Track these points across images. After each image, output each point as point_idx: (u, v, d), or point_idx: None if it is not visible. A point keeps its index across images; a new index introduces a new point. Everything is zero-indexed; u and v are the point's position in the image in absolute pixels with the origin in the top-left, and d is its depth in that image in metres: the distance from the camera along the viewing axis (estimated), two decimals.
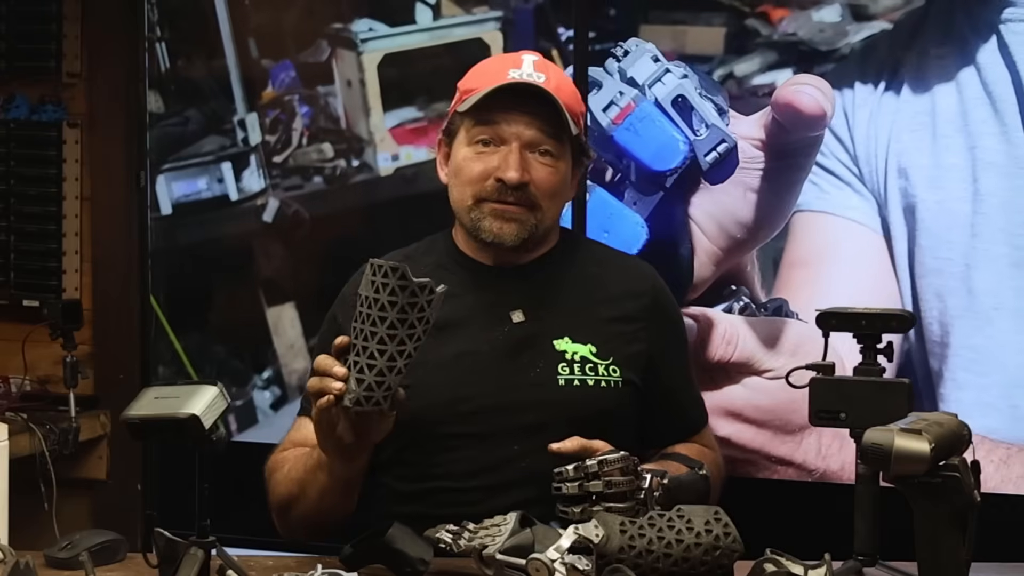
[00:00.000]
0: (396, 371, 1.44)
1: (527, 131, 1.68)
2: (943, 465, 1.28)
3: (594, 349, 1.70)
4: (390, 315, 1.41)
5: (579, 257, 1.81)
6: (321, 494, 1.64)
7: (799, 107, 2.33)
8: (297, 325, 2.99)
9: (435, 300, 1.43)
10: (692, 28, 2.57)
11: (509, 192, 1.67)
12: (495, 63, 1.77)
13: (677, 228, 2.46)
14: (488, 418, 1.66)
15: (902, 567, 1.48)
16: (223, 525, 1.45)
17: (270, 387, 3.01)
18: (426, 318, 1.43)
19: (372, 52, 2.87)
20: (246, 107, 3.00)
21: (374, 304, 1.42)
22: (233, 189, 3.02)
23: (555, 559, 1.34)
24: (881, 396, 1.48)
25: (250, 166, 3.00)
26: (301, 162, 2.96)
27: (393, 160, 2.90)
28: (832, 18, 2.45)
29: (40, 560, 1.52)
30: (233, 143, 3.01)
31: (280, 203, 2.98)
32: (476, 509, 1.55)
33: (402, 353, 1.43)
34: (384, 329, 1.42)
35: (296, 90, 2.96)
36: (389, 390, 1.45)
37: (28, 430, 2.74)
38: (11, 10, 3.13)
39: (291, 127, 2.96)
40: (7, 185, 3.16)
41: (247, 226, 3.01)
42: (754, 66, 2.51)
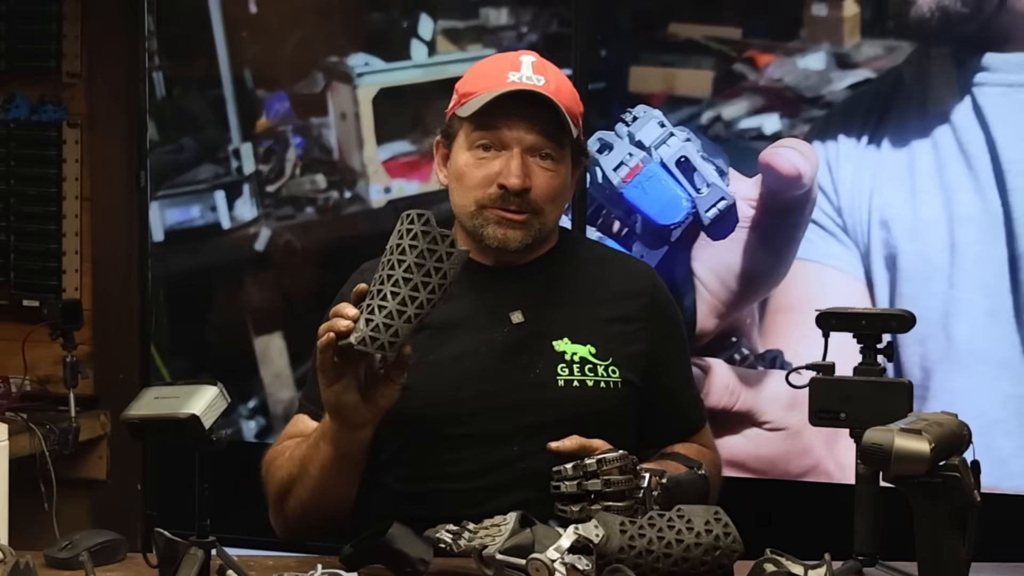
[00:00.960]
0: (405, 317, 1.45)
1: (528, 136, 1.68)
2: (943, 465, 1.28)
3: (593, 350, 1.69)
4: (408, 258, 1.44)
5: (578, 257, 1.81)
6: (322, 470, 1.62)
7: (777, 169, 2.47)
8: (284, 355, 3.01)
9: (455, 256, 1.46)
10: (681, 71, 2.64)
11: (511, 199, 1.67)
12: (493, 65, 1.76)
13: (681, 281, 2.57)
14: (487, 419, 1.66)
15: (902, 567, 1.48)
16: (223, 525, 1.45)
17: (255, 417, 3.02)
18: (443, 271, 1.45)
19: (367, 86, 2.91)
20: (241, 136, 3.02)
21: (395, 249, 1.45)
22: (226, 217, 3.04)
23: (555, 559, 1.34)
24: (881, 396, 1.48)
25: (243, 195, 3.02)
26: (294, 192, 2.99)
27: (385, 192, 2.93)
28: (817, 65, 2.54)
29: (40, 560, 1.52)
30: (227, 172, 3.03)
31: (272, 232, 3.00)
32: (476, 510, 1.54)
33: (414, 300, 1.44)
34: (400, 272, 1.44)
35: (290, 121, 2.99)
36: (396, 336, 1.45)
37: (28, 430, 2.74)
38: (11, 10, 3.13)
39: (284, 157, 2.99)
40: (7, 185, 3.16)
41: (239, 255, 3.03)
42: (741, 110, 2.58)
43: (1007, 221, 2.36)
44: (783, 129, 2.55)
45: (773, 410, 2.52)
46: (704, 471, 1.59)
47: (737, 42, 2.59)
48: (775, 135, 2.55)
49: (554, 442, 1.57)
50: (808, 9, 2.53)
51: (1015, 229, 2.36)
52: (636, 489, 1.49)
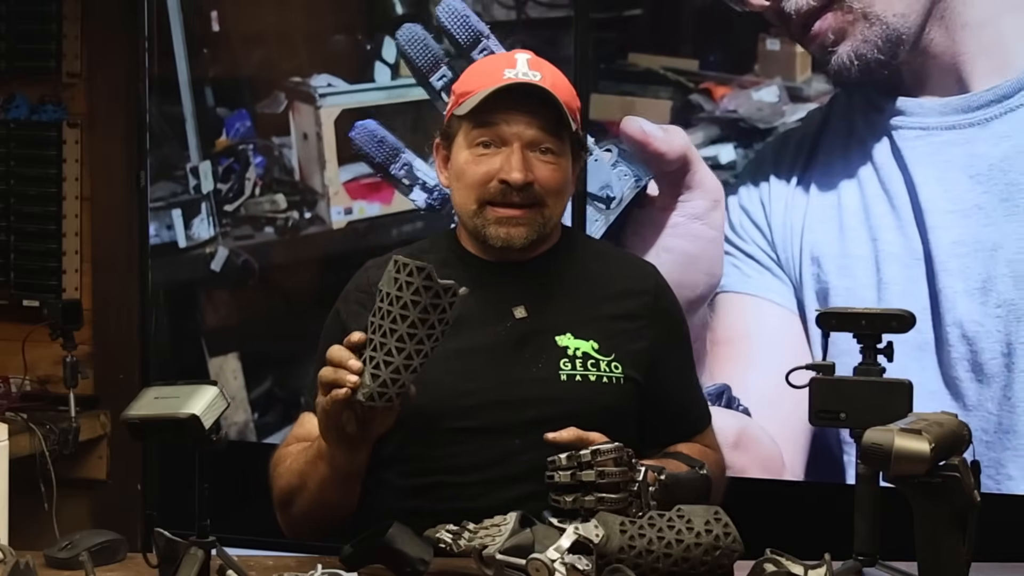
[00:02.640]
0: (412, 369, 1.45)
1: (528, 131, 1.68)
2: (943, 465, 1.28)
3: (596, 345, 1.70)
4: (412, 314, 1.41)
5: (581, 254, 1.81)
6: (321, 486, 1.63)
7: (627, 131, 2.57)
8: (240, 376, 2.99)
9: (458, 302, 1.44)
10: (640, 99, 2.68)
11: (514, 193, 1.67)
12: (489, 64, 1.77)
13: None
14: (490, 413, 1.66)
15: (902, 567, 1.48)
16: (223, 525, 1.45)
17: None
18: (446, 319, 1.44)
19: (330, 107, 2.90)
20: (200, 155, 3.00)
21: (396, 301, 1.42)
22: (182, 236, 3.01)
23: (555, 559, 1.34)
24: (881, 396, 1.48)
25: (201, 214, 3.00)
26: (253, 212, 2.97)
27: (346, 214, 2.92)
28: (770, 98, 2.60)
29: (40, 560, 1.52)
30: (184, 190, 3.01)
31: (229, 252, 2.98)
32: (477, 503, 1.55)
33: (419, 352, 1.44)
34: (404, 327, 1.42)
35: (251, 139, 2.97)
36: (403, 387, 1.46)
37: (28, 430, 2.74)
38: (11, 10, 3.14)
39: (244, 176, 2.97)
40: (7, 185, 3.16)
41: (194, 273, 3.01)
42: (698, 139, 2.62)
43: (927, 259, 2.44)
44: (737, 159, 2.60)
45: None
46: (705, 471, 1.59)
47: (694, 73, 2.64)
48: (730, 164, 2.61)
49: (551, 433, 1.58)
50: (763, 44, 2.58)
51: (935, 267, 2.43)
52: (631, 482, 1.48)
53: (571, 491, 1.47)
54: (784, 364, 1.56)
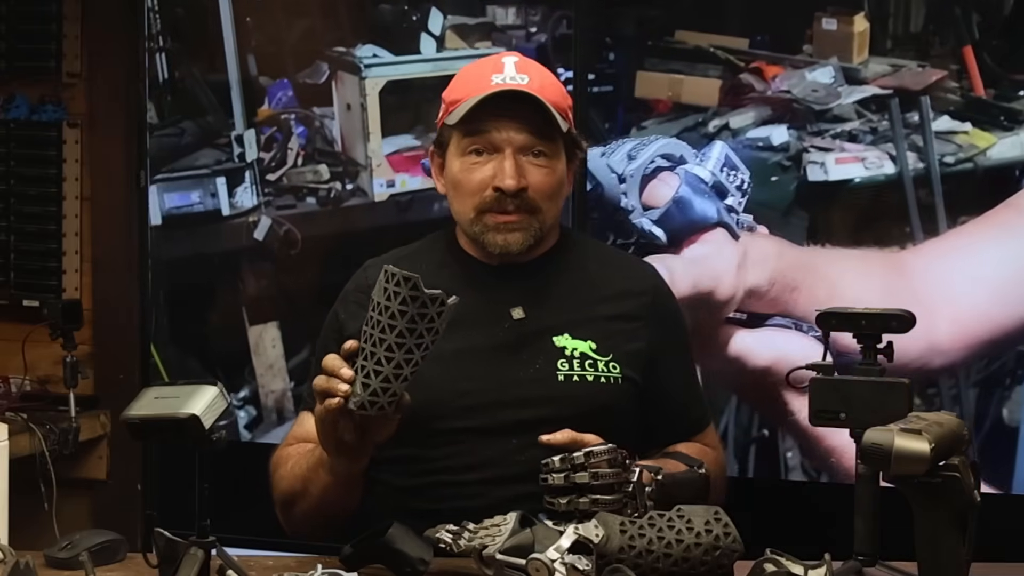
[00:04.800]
0: (402, 379, 1.45)
1: (518, 136, 1.68)
2: (943, 465, 1.28)
3: (594, 345, 1.70)
4: (399, 324, 1.41)
5: (579, 255, 1.81)
6: (323, 492, 1.64)
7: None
8: (279, 345, 2.98)
9: (446, 311, 1.43)
10: (688, 78, 2.65)
11: (508, 200, 1.68)
12: (476, 69, 1.76)
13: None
14: (487, 413, 1.67)
15: (902, 567, 1.48)
16: (223, 525, 1.45)
17: (245, 407, 3.00)
18: (435, 328, 1.43)
19: (375, 78, 2.88)
20: (244, 123, 2.99)
21: (384, 311, 1.42)
22: (226, 204, 3.01)
23: (555, 559, 1.34)
24: (881, 396, 1.47)
25: (244, 182, 3.00)
26: (295, 182, 2.96)
27: (388, 186, 2.91)
28: (825, 79, 2.56)
29: (40, 560, 1.52)
30: (228, 158, 3.00)
31: (272, 221, 2.97)
32: (475, 503, 1.55)
33: (409, 361, 1.44)
34: (393, 337, 1.42)
35: (293, 109, 2.96)
36: (394, 396, 1.46)
37: (28, 430, 2.74)
38: (11, 10, 3.13)
39: (287, 146, 2.96)
40: (7, 185, 3.16)
41: (237, 242, 3.01)
42: (748, 119, 2.59)
43: None
44: (791, 140, 2.57)
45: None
46: (704, 470, 1.59)
47: (744, 52, 2.61)
48: (783, 146, 2.57)
49: (545, 435, 1.58)
50: (818, 23, 2.54)
51: None
52: (625, 483, 1.48)
53: (565, 493, 1.47)
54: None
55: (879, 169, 2.55)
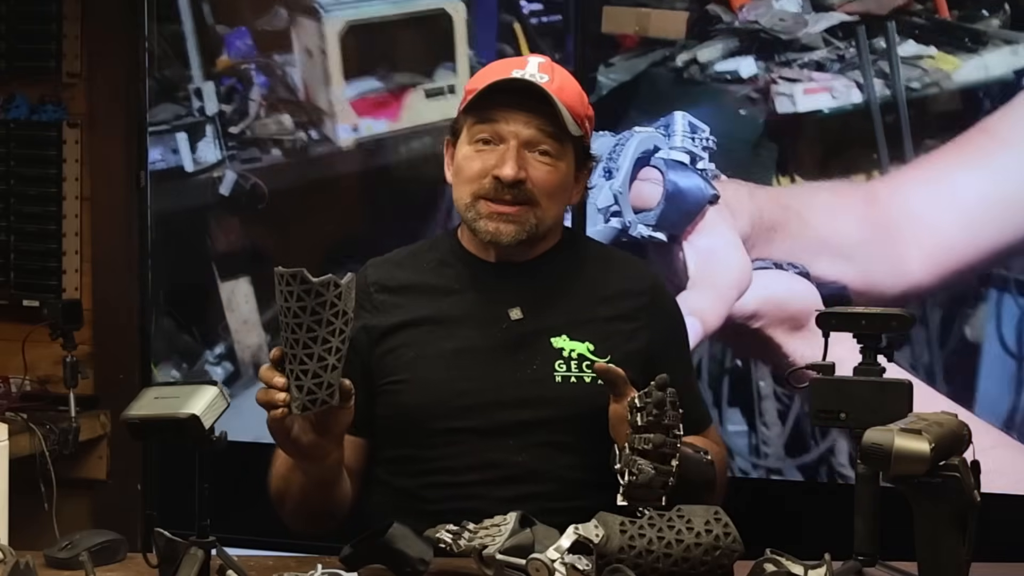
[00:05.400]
0: (330, 367, 1.44)
1: (525, 130, 1.68)
2: (943, 465, 1.28)
3: (591, 347, 1.70)
4: (304, 319, 1.41)
5: (580, 256, 1.81)
6: (302, 491, 1.64)
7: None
8: (252, 300, 2.94)
9: (344, 291, 1.42)
10: (655, 11, 2.62)
11: (506, 190, 1.68)
12: (501, 65, 1.77)
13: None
14: (485, 413, 1.67)
15: (902, 567, 1.48)
16: (223, 525, 1.45)
17: (222, 363, 2.96)
18: (340, 310, 1.43)
19: (334, 20, 2.79)
20: (202, 75, 2.91)
21: (288, 313, 1.41)
22: (188, 160, 2.95)
23: (555, 559, 1.34)
24: (881, 396, 1.48)
25: (206, 137, 2.92)
26: (259, 134, 2.89)
27: (353, 132, 2.83)
28: (792, 8, 2.55)
29: (40, 560, 1.52)
30: (188, 112, 2.94)
31: (237, 176, 2.91)
32: (474, 504, 1.55)
33: (329, 350, 1.43)
34: (304, 334, 1.41)
35: (252, 59, 2.88)
36: (332, 387, 1.45)
37: (28, 430, 2.74)
38: (11, 10, 3.13)
39: (248, 97, 2.89)
40: (7, 185, 3.16)
41: (203, 199, 2.95)
42: (716, 52, 2.58)
43: None
44: (760, 72, 2.55)
45: None
46: (710, 457, 1.59)
47: None
48: (751, 78, 2.56)
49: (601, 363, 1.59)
50: None
51: None
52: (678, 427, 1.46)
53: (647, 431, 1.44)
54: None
55: (847, 99, 2.55)
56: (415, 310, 1.73)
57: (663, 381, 1.44)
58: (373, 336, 1.73)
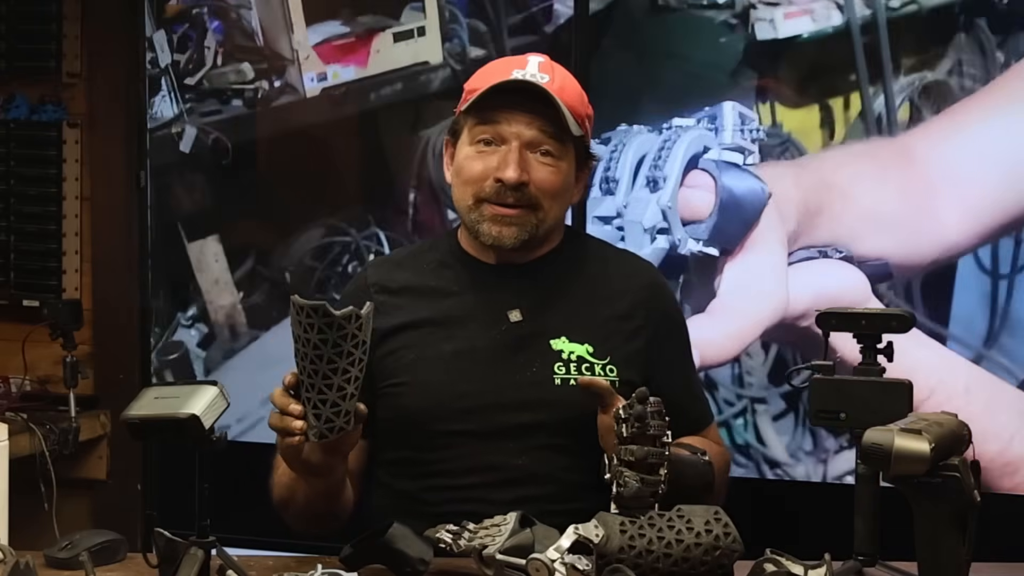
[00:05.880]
0: (349, 396, 1.44)
1: (527, 131, 1.68)
2: (943, 465, 1.28)
3: (591, 349, 1.69)
4: (325, 352, 1.41)
5: (581, 256, 1.80)
6: (307, 500, 1.64)
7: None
8: (222, 259, 2.87)
9: (365, 321, 1.43)
10: None
11: (508, 192, 1.67)
12: (501, 64, 1.77)
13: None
14: (485, 416, 1.66)
15: (902, 567, 1.48)
16: (223, 525, 1.45)
17: (195, 325, 2.91)
18: (361, 340, 1.43)
19: None
20: (153, 24, 2.79)
21: (307, 344, 1.41)
22: (144, 116, 2.85)
23: (555, 559, 1.34)
24: (881, 396, 1.48)
25: (161, 90, 2.81)
26: (217, 84, 2.77)
27: (320, 80, 2.72)
28: None
29: (40, 560, 1.52)
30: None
31: (198, 131, 2.80)
32: (474, 506, 1.55)
33: (348, 380, 1.43)
34: (325, 366, 1.42)
35: (204, 2, 2.75)
36: (348, 414, 1.45)
37: (28, 430, 2.74)
38: (11, 10, 3.13)
39: (203, 45, 2.75)
40: (7, 185, 3.16)
41: (163, 157, 2.85)
42: None
43: None
44: None
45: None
46: (708, 458, 1.59)
47: None
48: (728, 3, 2.53)
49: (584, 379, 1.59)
50: None
51: None
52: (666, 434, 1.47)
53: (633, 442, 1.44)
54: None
55: (827, 21, 2.52)
56: (415, 312, 1.73)
57: (643, 394, 1.45)
58: (374, 338, 1.73)
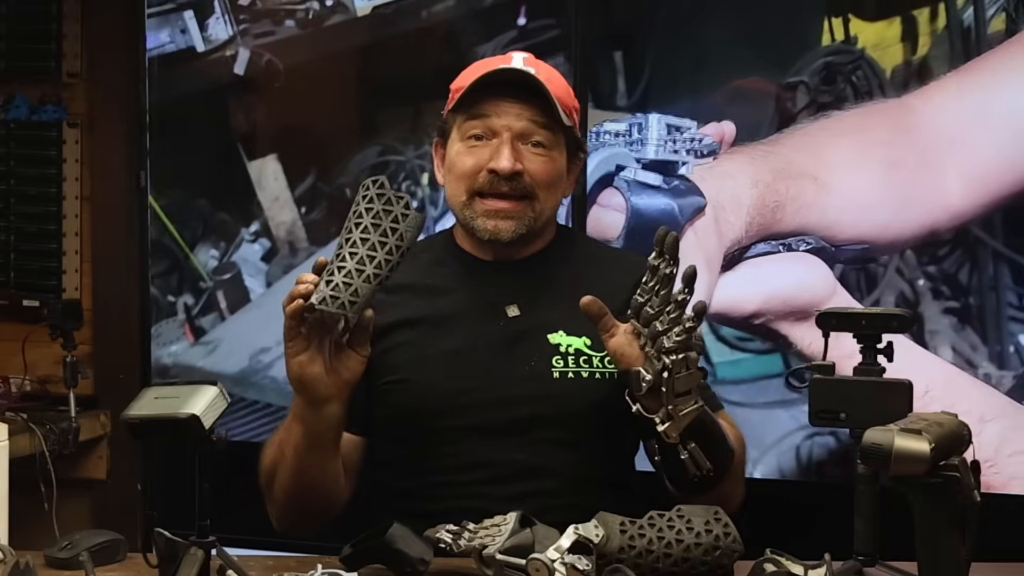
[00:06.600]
0: (364, 276, 1.47)
1: (517, 122, 1.68)
2: (943, 465, 1.28)
3: (588, 342, 1.69)
4: (365, 220, 1.48)
5: (575, 253, 1.81)
6: (296, 451, 1.61)
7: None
8: (281, 177, 2.90)
9: (411, 218, 1.49)
10: None
11: (503, 183, 1.67)
12: (485, 62, 1.77)
13: None
14: (484, 411, 1.67)
15: (902, 567, 1.48)
16: (223, 525, 1.45)
17: (258, 240, 2.94)
18: (399, 232, 1.48)
19: None
20: None
21: (354, 214, 1.49)
22: (199, 39, 2.86)
23: (555, 559, 1.34)
24: (881, 396, 1.48)
25: (215, 12, 2.82)
26: (270, 5, 2.79)
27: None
28: None
29: (40, 560, 1.52)
30: None
31: (251, 53, 2.82)
32: (474, 502, 1.55)
33: (372, 259, 1.47)
34: (358, 233, 1.48)
35: None
36: (356, 295, 1.46)
37: (28, 430, 2.74)
38: (11, 10, 3.13)
39: None
40: (7, 185, 3.16)
41: (218, 79, 2.88)
42: None
43: None
44: None
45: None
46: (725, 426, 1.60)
47: None
48: None
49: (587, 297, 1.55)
50: None
51: None
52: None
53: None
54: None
55: None
56: (412, 310, 1.73)
57: (650, 264, 1.45)
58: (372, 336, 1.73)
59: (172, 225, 3.01)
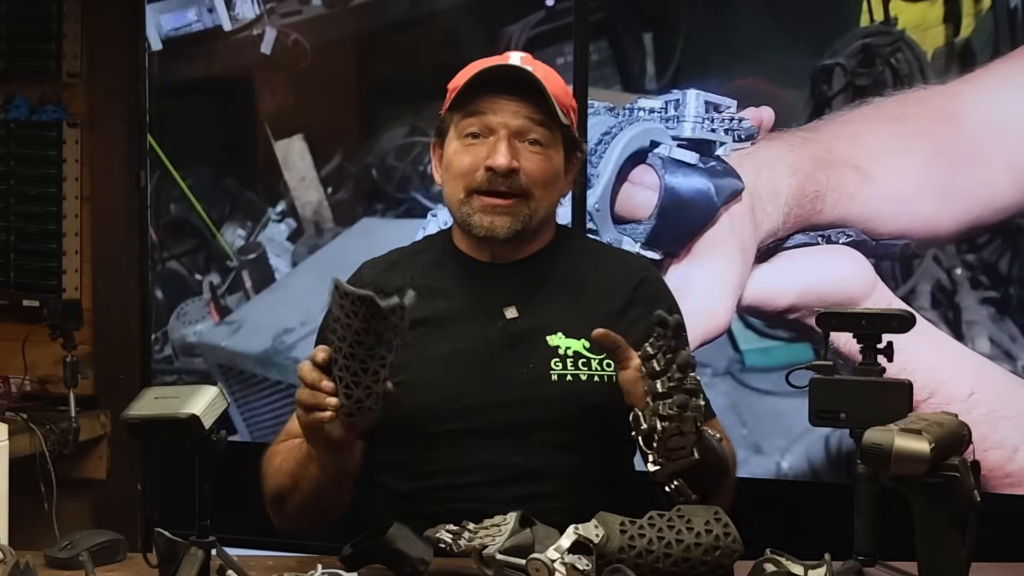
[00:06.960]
0: (382, 379, 1.46)
1: (514, 120, 1.68)
2: (943, 465, 1.28)
3: (587, 344, 1.69)
4: (366, 339, 1.42)
5: (575, 253, 1.80)
6: (314, 486, 1.63)
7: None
8: (307, 157, 2.91)
9: (407, 312, 1.43)
10: None
11: (500, 180, 1.67)
12: (482, 62, 1.77)
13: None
14: (483, 414, 1.66)
15: (902, 567, 1.48)
16: (223, 525, 1.45)
17: (285, 219, 2.95)
18: (401, 328, 1.44)
19: None
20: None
21: (348, 328, 1.42)
22: (226, 18, 2.87)
23: (555, 559, 1.34)
24: (881, 396, 1.47)
25: None
26: None
27: None
28: None
29: (40, 560, 1.52)
30: None
31: (278, 32, 2.83)
32: (473, 505, 1.55)
33: (384, 365, 1.45)
34: (363, 351, 1.43)
35: None
36: (378, 396, 1.46)
37: (28, 430, 2.74)
38: (11, 10, 3.14)
39: None
40: (7, 185, 3.16)
41: (245, 59, 2.89)
42: None
43: None
44: None
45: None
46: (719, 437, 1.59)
47: None
48: None
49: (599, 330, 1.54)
50: None
51: None
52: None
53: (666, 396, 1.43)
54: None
55: None
56: (410, 311, 1.73)
57: (661, 318, 1.42)
58: None
59: (199, 204, 3.01)
